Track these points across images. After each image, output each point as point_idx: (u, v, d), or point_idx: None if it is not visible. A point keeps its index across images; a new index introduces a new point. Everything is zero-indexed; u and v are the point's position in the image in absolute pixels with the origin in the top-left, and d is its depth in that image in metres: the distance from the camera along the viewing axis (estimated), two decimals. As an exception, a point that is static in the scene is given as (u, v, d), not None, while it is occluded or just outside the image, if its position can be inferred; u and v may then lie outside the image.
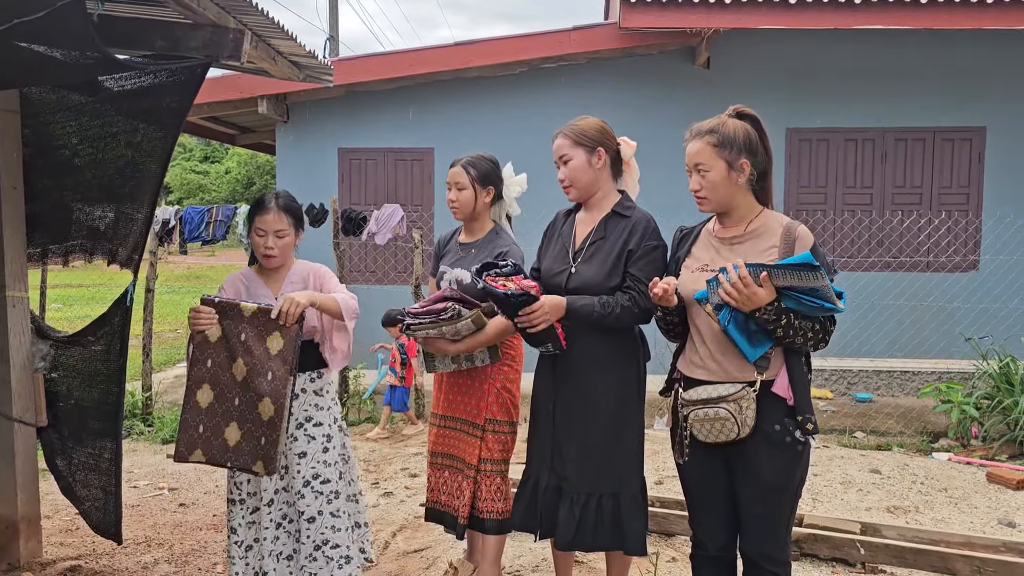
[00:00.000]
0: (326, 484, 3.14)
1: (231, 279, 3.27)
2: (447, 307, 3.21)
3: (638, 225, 3.00)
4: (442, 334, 3.24)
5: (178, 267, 24.51)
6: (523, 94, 8.79)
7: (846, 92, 8.52)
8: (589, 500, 3.01)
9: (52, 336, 3.99)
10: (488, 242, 3.45)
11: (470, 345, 3.26)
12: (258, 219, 3.14)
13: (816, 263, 2.31)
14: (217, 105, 8.71)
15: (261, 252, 3.15)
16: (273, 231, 3.12)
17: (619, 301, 2.94)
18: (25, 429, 3.85)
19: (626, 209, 3.07)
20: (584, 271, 3.03)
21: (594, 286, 2.99)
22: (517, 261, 3.27)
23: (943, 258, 8.39)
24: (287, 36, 3.40)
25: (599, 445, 3.02)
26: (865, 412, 7.21)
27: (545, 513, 3.08)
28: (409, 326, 3.28)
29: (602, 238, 3.05)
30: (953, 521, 4.62)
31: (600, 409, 3.02)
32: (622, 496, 3.03)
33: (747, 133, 2.57)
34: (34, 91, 3.77)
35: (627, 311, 2.93)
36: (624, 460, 3.04)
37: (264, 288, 3.22)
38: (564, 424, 3.08)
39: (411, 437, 6.50)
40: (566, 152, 3.08)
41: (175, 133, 3.35)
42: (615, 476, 3.03)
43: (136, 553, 4.12)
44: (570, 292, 3.03)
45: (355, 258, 8.89)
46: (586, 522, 3.00)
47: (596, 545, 3.06)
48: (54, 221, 3.98)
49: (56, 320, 11.49)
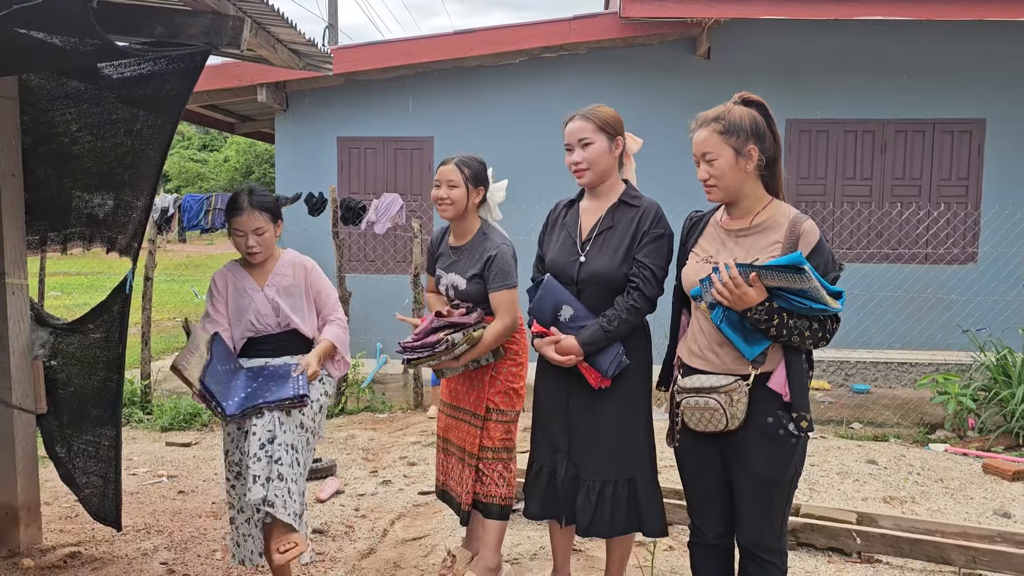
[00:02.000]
0: (299, 428, 3.14)
1: (220, 275, 3.32)
2: (440, 340, 3.29)
3: (647, 213, 3.04)
4: (441, 361, 3.31)
5: (177, 255, 24.49)
6: (523, 84, 8.76)
7: (846, 83, 8.50)
8: (605, 487, 3.07)
9: (51, 323, 3.99)
10: (477, 245, 3.43)
11: (471, 358, 3.36)
12: (234, 221, 3.21)
13: (804, 265, 2.29)
14: (216, 93, 8.68)
15: (244, 252, 3.23)
16: (251, 230, 3.21)
17: (621, 308, 2.98)
18: (24, 416, 3.86)
19: (633, 198, 3.10)
20: (594, 261, 3.05)
21: (604, 275, 3.02)
22: (505, 264, 3.30)
23: (942, 250, 8.39)
24: (287, 24, 3.39)
25: (613, 434, 3.07)
26: (862, 403, 7.24)
27: (567, 501, 3.15)
28: (408, 361, 3.36)
29: (611, 227, 3.07)
30: (949, 511, 4.64)
31: (613, 399, 3.06)
32: (638, 481, 3.08)
33: (754, 119, 2.56)
34: (33, 78, 3.76)
35: (632, 312, 2.98)
36: (638, 446, 3.09)
37: (250, 280, 3.29)
38: (579, 415, 3.12)
39: (410, 426, 6.52)
40: (588, 136, 3.07)
41: (175, 121, 3.35)
42: (630, 462, 3.08)
43: (135, 540, 4.13)
44: (581, 282, 3.07)
45: (354, 247, 8.88)
46: (603, 508, 3.06)
47: (614, 530, 3.10)
48: (53, 209, 3.97)
49: (55, 308, 11.49)
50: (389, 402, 7.21)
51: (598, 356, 3.00)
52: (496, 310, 3.34)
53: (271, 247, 3.28)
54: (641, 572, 3.64)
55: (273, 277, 3.27)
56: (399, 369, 8.49)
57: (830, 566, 3.84)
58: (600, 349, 3.00)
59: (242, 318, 3.26)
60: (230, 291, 3.26)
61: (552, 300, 3.07)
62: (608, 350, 3.00)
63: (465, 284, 3.38)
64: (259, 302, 3.23)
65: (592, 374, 3.03)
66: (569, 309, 3.04)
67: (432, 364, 3.35)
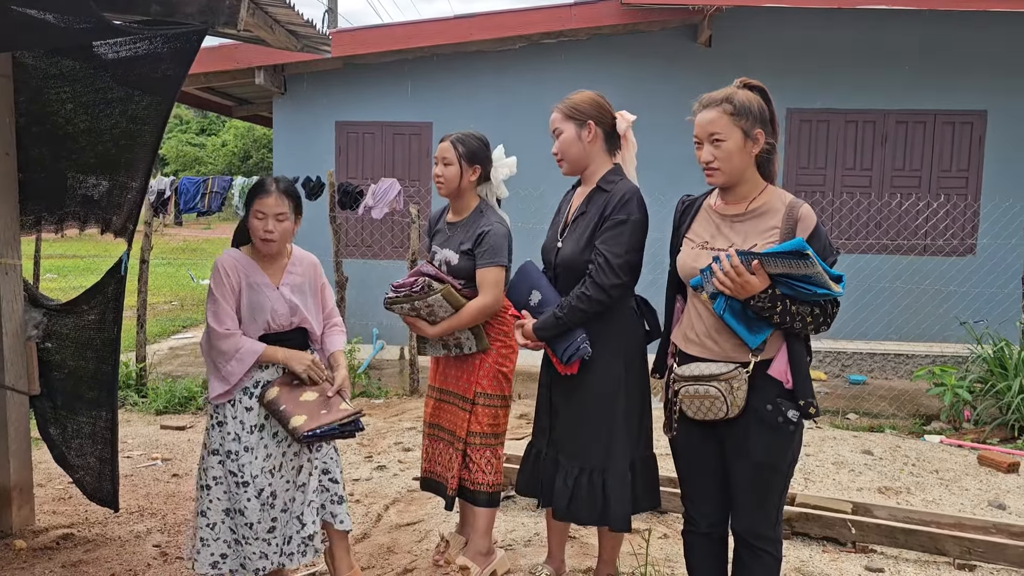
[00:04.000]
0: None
1: (230, 264, 3.05)
2: (417, 281, 3.26)
3: (613, 198, 2.99)
4: (417, 310, 3.28)
5: (173, 239, 24.42)
6: (523, 69, 8.72)
7: (847, 73, 8.46)
8: (581, 474, 3.06)
9: (45, 304, 3.97)
10: (472, 222, 3.40)
11: (446, 328, 3.30)
12: (258, 202, 3.02)
13: (807, 250, 2.27)
14: (214, 76, 8.62)
15: (260, 235, 3.02)
16: (273, 214, 3.00)
17: (573, 296, 2.98)
18: (17, 397, 3.84)
19: (608, 183, 3.06)
20: (566, 246, 3.08)
21: (571, 261, 3.04)
22: (496, 241, 3.28)
23: (940, 242, 8.38)
24: (284, 4, 3.36)
25: (588, 420, 3.06)
26: (858, 394, 7.24)
27: (545, 482, 3.18)
28: (388, 302, 3.33)
29: (583, 213, 3.07)
30: (944, 502, 4.64)
31: (589, 388, 3.05)
32: (608, 473, 3.04)
33: (760, 104, 2.53)
34: (28, 57, 3.72)
35: (583, 299, 2.95)
36: (613, 436, 3.05)
37: (263, 277, 3.08)
38: (560, 398, 3.16)
39: (406, 412, 6.51)
40: (558, 125, 3.11)
41: (170, 101, 3.31)
42: (603, 452, 3.05)
43: (129, 522, 4.12)
44: (557, 267, 3.12)
45: (351, 232, 8.85)
46: (579, 495, 3.06)
47: (588, 520, 3.09)
48: (48, 189, 3.94)
49: (50, 290, 11.44)
50: (385, 388, 7.20)
51: (556, 342, 3.02)
52: (480, 286, 3.29)
53: (287, 239, 3.11)
54: (635, 559, 3.63)
55: (287, 276, 3.12)
56: (395, 355, 8.49)
57: (825, 555, 3.84)
58: (557, 335, 3.00)
59: (258, 317, 3.05)
60: (242, 284, 3.05)
61: (526, 284, 3.14)
62: (565, 337, 2.99)
63: (457, 259, 3.35)
64: (275, 301, 3.06)
65: (554, 359, 3.08)
66: (538, 294, 3.07)
67: (406, 309, 3.31)
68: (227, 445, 3.00)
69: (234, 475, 2.99)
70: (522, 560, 3.70)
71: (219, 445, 3.02)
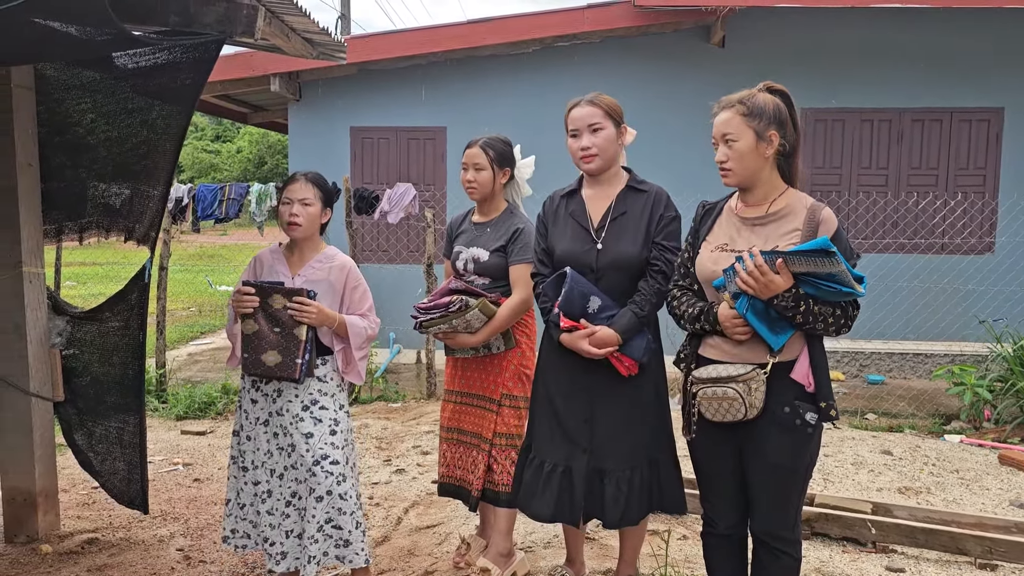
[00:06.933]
0: (335, 465, 3.12)
1: (265, 252, 3.31)
2: (453, 300, 3.29)
3: (659, 197, 3.07)
4: (454, 328, 3.32)
5: (190, 246, 24.59)
6: (537, 73, 8.73)
7: (862, 72, 8.42)
8: (633, 474, 3.04)
9: (69, 312, 4.02)
10: (503, 220, 3.48)
11: (489, 334, 3.36)
12: (286, 190, 3.20)
13: (832, 249, 2.27)
14: (229, 83, 8.70)
15: (285, 220, 3.17)
16: (298, 199, 3.15)
17: (649, 293, 2.99)
18: (42, 404, 3.89)
19: (640, 183, 3.12)
20: (613, 247, 3.02)
21: (625, 261, 3.01)
22: (529, 240, 3.32)
23: (958, 240, 8.32)
24: (300, 13, 3.40)
25: (636, 418, 3.05)
26: (877, 394, 7.20)
27: (591, 497, 3.04)
28: (421, 323, 3.35)
29: (624, 213, 3.05)
30: (964, 502, 4.62)
31: (629, 384, 3.04)
32: (660, 462, 3.09)
33: (777, 106, 2.55)
34: (49, 68, 3.77)
35: (660, 295, 2.99)
36: (658, 427, 3.10)
37: (284, 265, 3.23)
38: (600, 407, 3.06)
39: (424, 415, 6.54)
40: (599, 121, 3.04)
41: (189, 110, 3.37)
42: (653, 445, 3.08)
43: (152, 527, 4.17)
44: (600, 269, 3.03)
45: (367, 237, 8.90)
46: (632, 495, 3.03)
47: (639, 516, 3.08)
48: (69, 198, 4.00)
49: (70, 298, 11.54)
50: (402, 391, 7.24)
51: (631, 343, 2.99)
52: (515, 283, 3.38)
53: (313, 225, 3.21)
54: (655, 561, 3.64)
55: (307, 268, 3.21)
56: (412, 359, 8.51)
57: (845, 556, 3.83)
58: (632, 336, 2.99)
59: None
60: (263, 270, 3.24)
61: (580, 292, 2.99)
62: (639, 336, 2.99)
63: (488, 256, 3.40)
64: None
65: (624, 362, 2.99)
66: (597, 300, 2.98)
67: (444, 329, 3.33)
68: (240, 428, 3.30)
69: (235, 460, 3.29)
70: (541, 562, 3.72)
71: (239, 427, 3.30)
